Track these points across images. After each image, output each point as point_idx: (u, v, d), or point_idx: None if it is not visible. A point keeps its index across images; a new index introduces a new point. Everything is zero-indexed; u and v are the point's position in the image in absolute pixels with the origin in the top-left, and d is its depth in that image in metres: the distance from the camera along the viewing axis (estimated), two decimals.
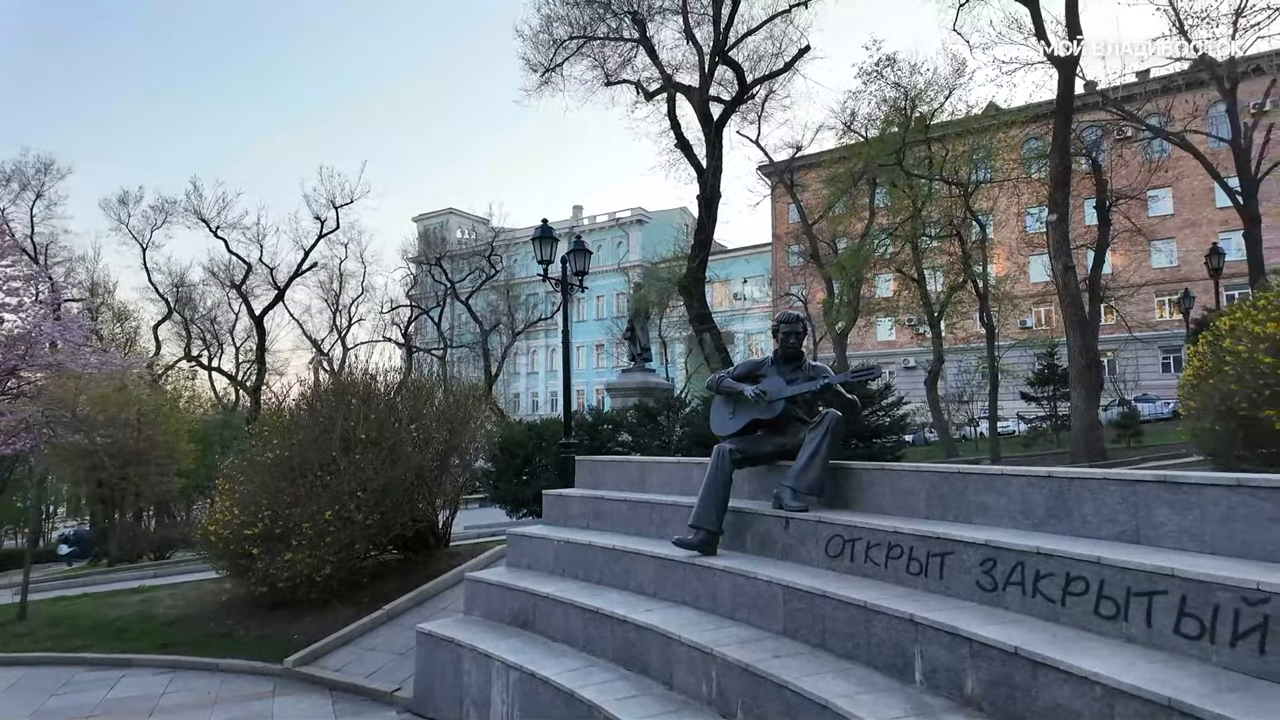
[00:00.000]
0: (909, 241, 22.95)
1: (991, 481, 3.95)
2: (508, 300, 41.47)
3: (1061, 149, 15.47)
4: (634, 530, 5.84)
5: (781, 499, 4.79)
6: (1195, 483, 3.07)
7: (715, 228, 16.01)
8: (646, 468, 6.37)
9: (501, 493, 15.54)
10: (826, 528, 4.41)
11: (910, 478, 4.42)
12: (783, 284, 40.35)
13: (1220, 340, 6.26)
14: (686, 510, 5.24)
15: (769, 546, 4.80)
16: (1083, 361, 14.98)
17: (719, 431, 5.40)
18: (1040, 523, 3.68)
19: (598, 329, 54.47)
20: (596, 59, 18.21)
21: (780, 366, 5.37)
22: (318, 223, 33.05)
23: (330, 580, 7.69)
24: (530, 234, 10.79)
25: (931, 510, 4.26)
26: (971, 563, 3.54)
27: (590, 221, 59.58)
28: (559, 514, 6.57)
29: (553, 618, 5.20)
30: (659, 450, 14.35)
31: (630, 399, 17.20)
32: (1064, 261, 15.18)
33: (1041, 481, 3.70)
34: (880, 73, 20.71)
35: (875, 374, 4.95)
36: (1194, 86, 25.34)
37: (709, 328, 15.66)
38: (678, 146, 16.49)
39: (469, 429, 9.34)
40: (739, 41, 17.10)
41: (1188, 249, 41.79)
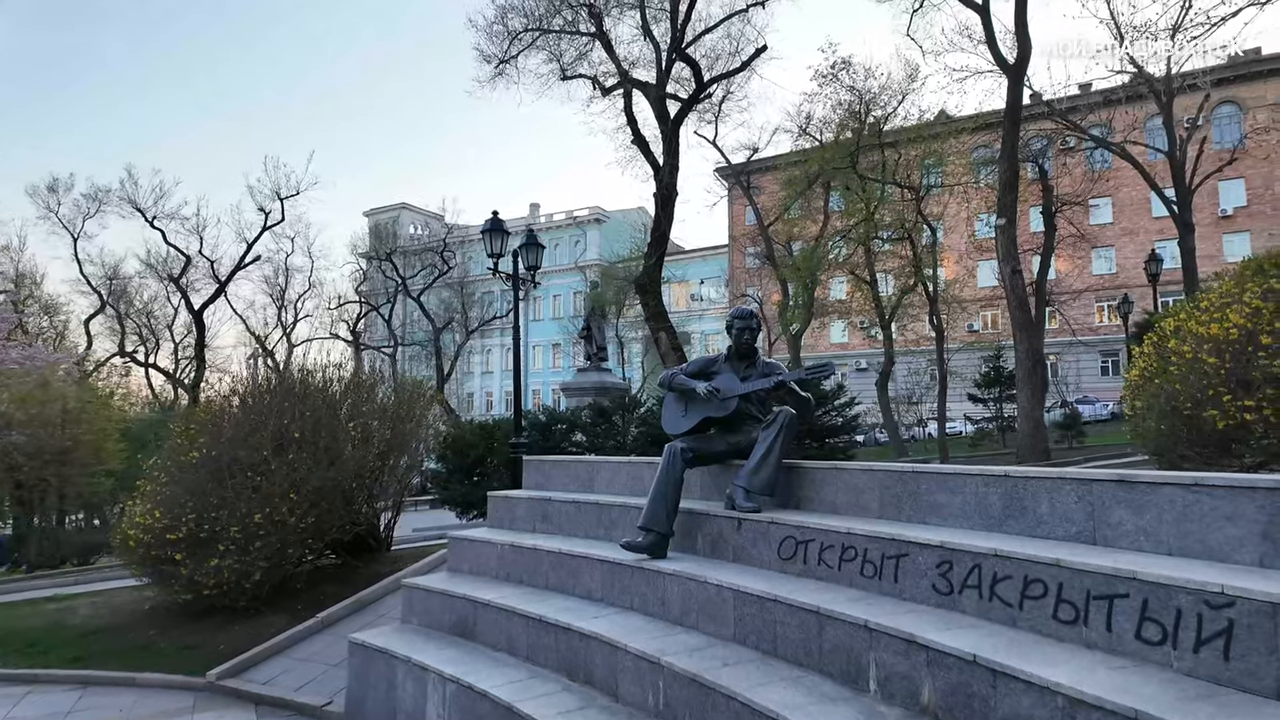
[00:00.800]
0: (862, 244, 23.22)
1: (946, 481, 3.85)
2: (462, 298, 40.73)
3: (1010, 154, 15.75)
4: (582, 533, 5.62)
5: (734, 499, 4.63)
6: (1151, 482, 3.00)
7: (672, 226, 15.88)
8: (595, 468, 6.15)
9: (451, 494, 15.15)
10: (779, 529, 4.26)
11: (863, 476, 4.30)
12: (739, 286, 40.60)
13: (1165, 341, 6.33)
14: (636, 512, 5.04)
15: (721, 548, 4.63)
16: (1029, 363, 15.27)
17: (671, 430, 5.22)
18: (996, 523, 3.58)
19: (554, 328, 53.99)
20: (552, 52, 17.91)
21: (734, 363, 5.21)
22: (262, 214, 31.93)
23: (261, 587, 7.27)
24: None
25: (885, 510, 4.14)
26: (927, 565, 3.42)
27: (547, 220, 59.03)
28: (504, 516, 6.31)
29: (494, 626, 4.94)
30: (614, 450, 14.16)
31: (586, 398, 16.97)
32: (1012, 265, 15.45)
33: (997, 481, 3.60)
34: (836, 76, 20.90)
35: (829, 371, 4.83)
36: (1134, 100, 26.28)
37: (665, 326, 15.52)
38: (634, 143, 16.30)
39: (413, 428, 8.98)
40: (696, 39, 17.00)
41: (1125, 256, 43.40)
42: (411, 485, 10.12)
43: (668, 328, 15.60)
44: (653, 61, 16.27)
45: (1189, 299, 6.97)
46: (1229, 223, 41.74)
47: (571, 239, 58.04)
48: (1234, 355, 5.50)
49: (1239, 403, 5.35)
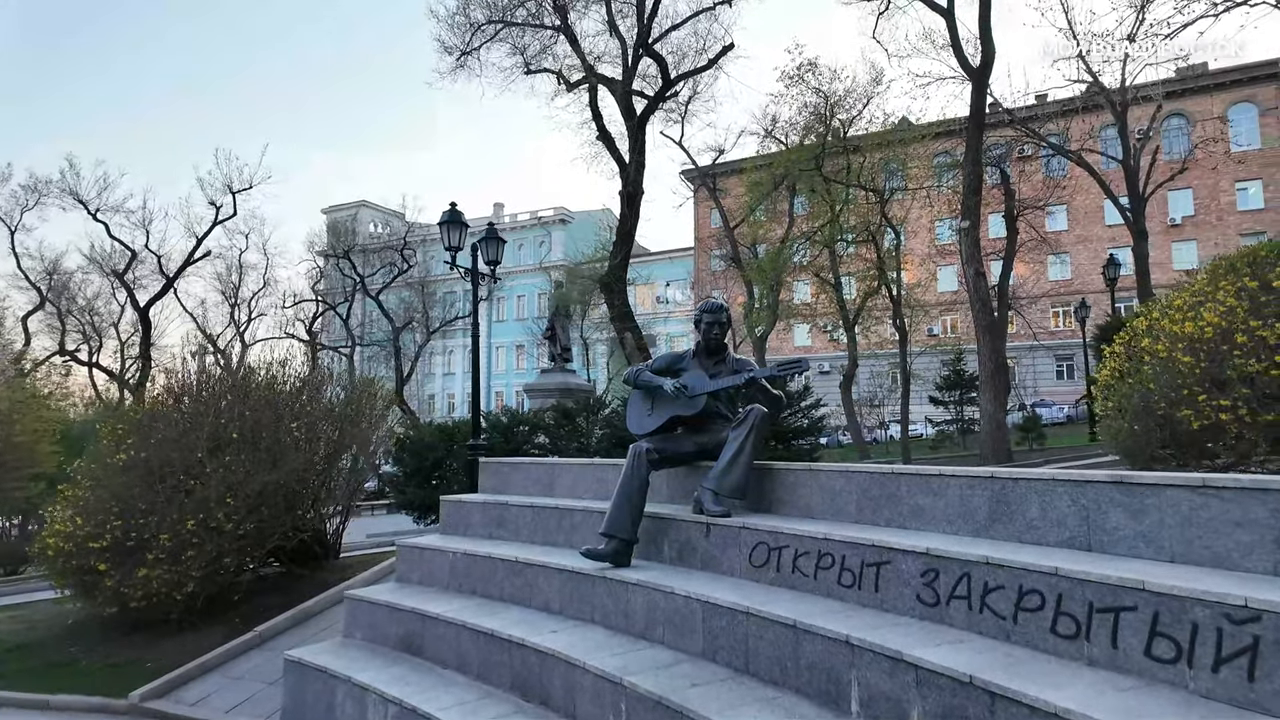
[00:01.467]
0: (827, 246, 23.26)
1: (928, 482, 3.61)
2: (422, 297, 39.87)
3: (974, 157, 15.83)
4: (540, 539, 5.28)
5: (702, 502, 4.35)
6: (1152, 483, 2.79)
7: (638, 224, 15.59)
8: (555, 470, 5.82)
9: (408, 498, 14.63)
10: (750, 534, 3.98)
11: (839, 478, 4.05)
12: (705, 288, 40.54)
13: (1138, 340, 6.24)
14: (599, 517, 4.72)
15: (688, 555, 4.34)
16: (992, 365, 15.35)
17: (635, 430, 4.91)
18: (982, 527, 3.35)
19: (518, 329, 53.32)
20: (516, 45, 17.51)
21: (702, 360, 4.94)
22: (213, 209, 30.76)
23: (194, 598, 6.76)
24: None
25: (863, 514, 3.89)
26: (911, 574, 3.17)
27: (512, 219, 58.32)
28: (458, 522, 5.93)
29: (444, 641, 4.58)
30: (577, 452, 13.82)
31: (550, 400, 16.61)
32: (975, 267, 15.52)
33: (982, 483, 3.37)
34: (802, 77, 20.87)
35: (803, 367, 4.57)
36: (1090, 110, 26.92)
37: (630, 326, 15.22)
38: (599, 139, 15.98)
39: (365, 428, 8.52)
40: (663, 36, 16.77)
41: (1080, 262, 44.47)
42: (364, 489, 9.64)
43: (633, 328, 15.31)
44: (618, 56, 15.99)
45: (1150, 300, 6.91)
46: (1178, 231, 43.01)
47: (536, 239, 57.45)
48: (1209, 354, 5.40)
49: (1214, 402, 5.25)
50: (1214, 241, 42.08)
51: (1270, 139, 40.17)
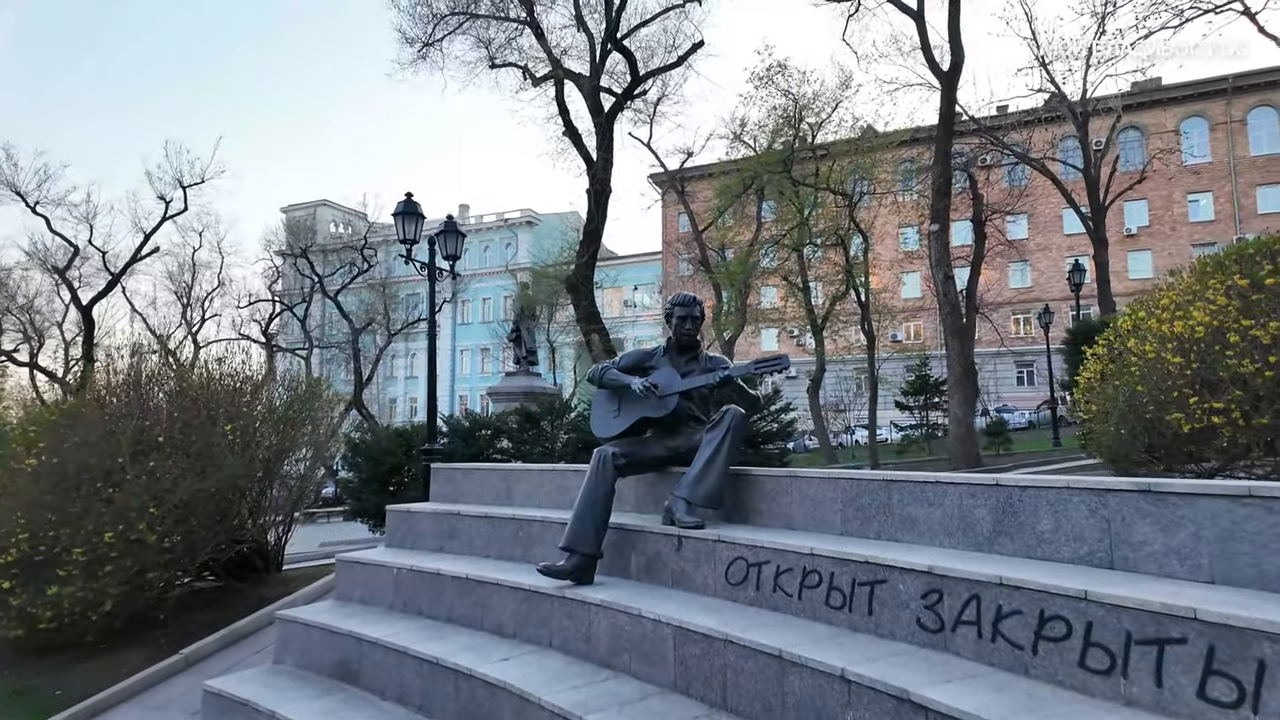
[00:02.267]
0: (795, 250, 23.13)
1: (923, 491, 3.26)
2: (384, 298, 38.86)
3: (944, 160, 15.73)
4: (496, 553, 4.82)
5: (673, 512, 3.95)
6: (1187, 492, 2.46)
7: (605, 223, 15.17)
8: (513, 477, 5.37)
9: (363, 505, 14.00)
10: (727, 548, 3.59)
11: (824, 486, 3.68)
12: (673, 291, 40.22)
13: (1123, 340, 6.02)
14: (559, 528, 4.29)
15: (657, 571, 3.93)
16: (960, 369, 15.22)
17: (600, 433, 4.50)
18: (985, 541, 3.00)
19: (483, 332, 52.49)
20: (480, 38, 16.99)
21: (673, 357, 4.54)
22: (162, 203, 29.52)
23: (114, 618, 6.14)
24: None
25: (849, 525, 3.53)
26: (910, 594, 2.80)
27: (477, 221, 57.44)
28: (405, 534, 5.44)
29: (383, 669, 4.09)
30: (541, 458, 13.34)
31: (514, 404, 16.08)
32: (945, 271, 15.39)
33: (986, 491, 3.03)
34: (771, 78, 20.70)
35: (782, 364, 4.20)
36: (1052, 121, 27.36)
37: (597, 328, 14.77)
38: (566, 134, 15.53)
39: (312, 431, 7.95)
40: (632, 32, 16.41)
41: (1040, 271, 45.25)
42: (310, 495, 9.05)
43: (600, 329, 14.87)
44: (586, 51, 15.58)
45: (1133, 300, 6.71)
46: (1133, 241, 44.00)
47: (502, 241, 56.65)
48: (1199, 354, 5.17)
49: (1205, 404, 5.02)
50: (1168, 252, 43.19)
51: (1220, 152, 41.36)
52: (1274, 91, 41.18)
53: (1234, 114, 42.01)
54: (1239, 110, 41.98)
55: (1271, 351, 4.84)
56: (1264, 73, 40.83)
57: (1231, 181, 41.74)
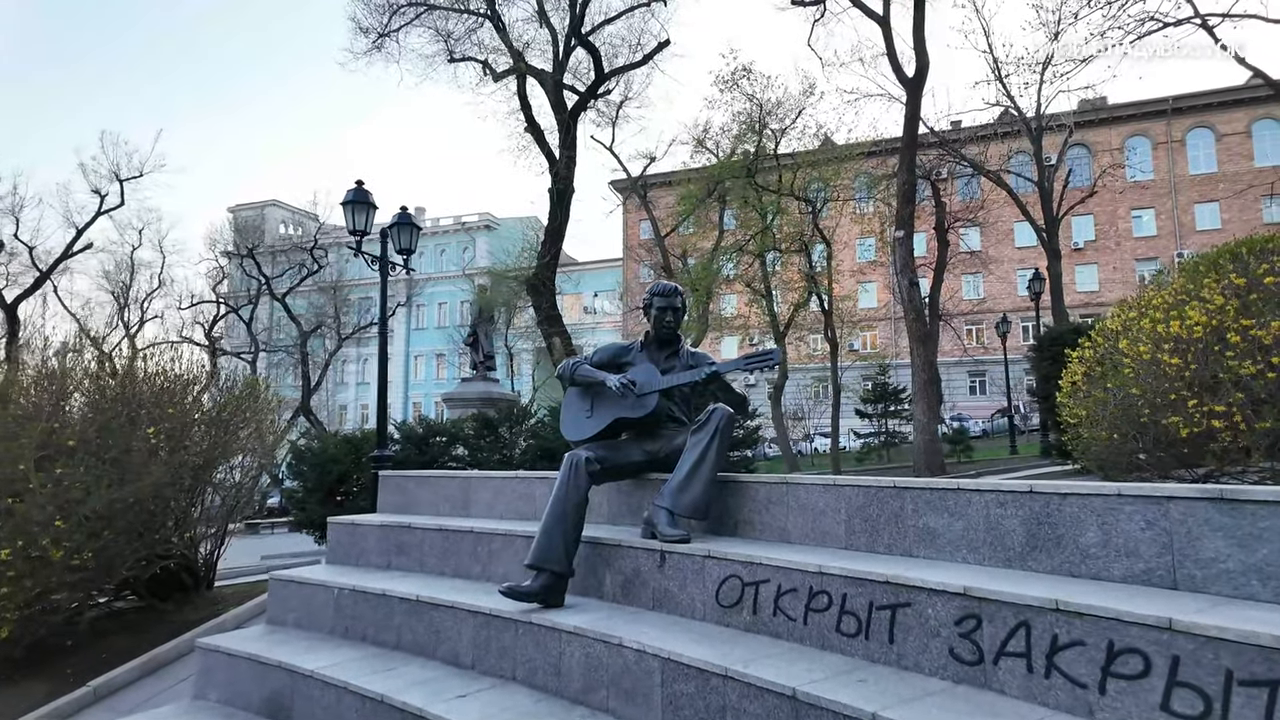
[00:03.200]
0: (758, 256, 23.00)
1: (943, 499, 2.88)
2: (335, 301, 37.59)
3: (908, 167, 15.72)
4: (451, 571, 4.31)
5: (655, 524, 3.51)
6: (1269, 500, 2.12)
7: (568, 223, 14.71)
8: (472, 485, 4.86)
9: (309, 516, 13.23)
10: (718, 565, 3.16)
11: (825, 494, 3.29)
12: (634, 298, 39.93)
13: (1112, 340, 5.80)
14: (525, 542, 3.82)
15: (637, 591, 3.48)
16: (925, 376, 15.16)
17: (571, 435, 4.04)
18: (1016, 557, 2.63)
19: (439, 338, 51.26)
20: (439, 30, 16.42)
21: (652, 352, 4.12)
22: (97, 197, 28.00)
23: (12, 646, 5.42)
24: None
25: (855, 538, 3.14)
26: (941, 620, 2.41)
27: (434, 224, 56.28)
28: (349, 549, 4.88)
29: (320, 706, 3.55)
30: (499, 466, 12.77)
31: (470, 410, 15.47)
32: (909, 277, 15.34)
33: (1018, 499, 2.66)
34: (736, 82, 20.54)
35: (773, 359, 3.80)
36: (1007, 136, 27.94)
37: (559, 330, 14.29)
38: (528, 130, 15.05)
39: (250, 436, 7.29)
40: (597, 29, 16.04)
41: (991, 283, 46.20)
42: (248, 505, 8.34)
43: (562, 332, 14.40)
44: (548, 44, 15.13)
45: (1121, 302, 6.53)
46: (1080, 255, 45.29)
47: (459, 245, 55.59)
48: (1197, 355, 4.96)
49: (1205, 407, 4.80)
50: (1113, 265, 44.63)
51: (1162, 170, 42.90)
52: (1210, 114, 42.96)
53: (1174, 134, 43.66)
54: (1178, 131, 43.65)
55: (1273, 352, 4.63)
56: (1200, 95, 42.61)
57: (1172, 199, 43.32)
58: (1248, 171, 41.24)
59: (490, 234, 54.06)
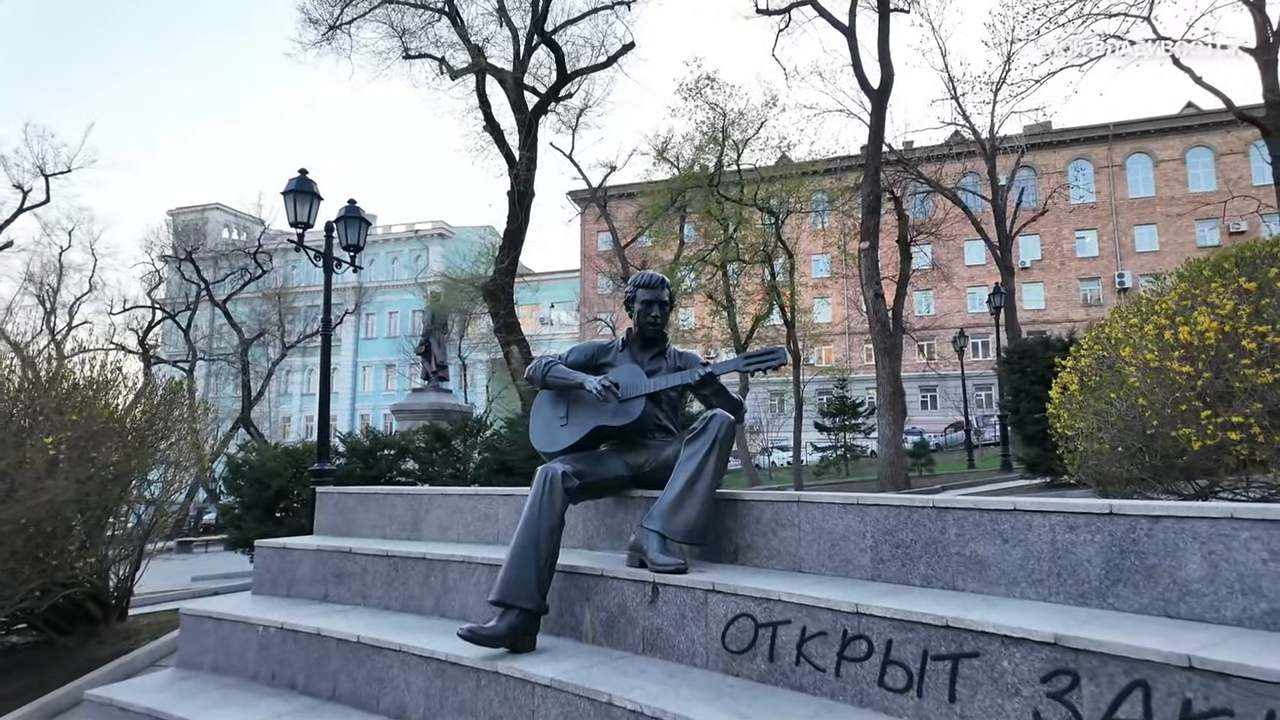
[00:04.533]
0: (720, 268, 22.77)
1: (995, 522, 2.42)
2: (279, 308, 36.07)
3: (873, 178, 15.63)
4: (399, 604, 3.70)
5: (644, 550, 2.98)
6: None
7: (527, 226, 14.13)
8: (423, 503, 4.25)
9: (245, 534, 12.29)
10: (725, 601, 2.64)
11: (847, 515, 2.80)
12: (592, 309, 39.40)
13: (1114, 347, 5.50)
14: (487, 571, 3.25)
15: (623, 632, 2.93)
16: (890, 389, 14.99)
17: (543, 446, 3.49)
18: (1093, 592, 2.18)
19: (389, 347, 49.82)
20: (394, 25, 15.74)
21: (635, 352, 3.60)
22: (19, 193, 26.28)
23: None
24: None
25: (885, 568, 2.66)
26: (1021, 676, 1.94)
27: (385, 231, 54.87)
28: (280, 577, 4.21)
29: None
30: (452, 481, 12.06)
31: (421, 421, 14.71)
32: (874, 289, 15.20)
33: (1094, 522, 2.21)
34: (700, 90, 20.31)
35: (779, 359, 3.31)
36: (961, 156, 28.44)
37: (517, 339, 13.66)
38: (487, 129, 14.45)
39: (172, 446, 6.50)
40: (559, 29, 15.57)
41: (942, 300, 47.11)
42: (169, 524, 7.49)
43: (520, 340, 13.77)
44: (509, 40, 14.59)
45: (1116, 308, 6.28)
46: (1026, 274, 46.49)
47: (412, 253, 54.25)
48: (1209, 363, 4.67)
49: (1219, 418, 4.50)
50: (1057, 284, 45.98)
51: (1104, 193, 44.41)
52: (1148, 140, 44.76)
53: (1114, 159, 45.34)
54: (1119, 156, 45.34)
55: None
56: (1139, 122, 44.39)
57: (1113, 221, 44.87)
58: (1183, 196, 43.03)
59: (445, 243, 52.97)
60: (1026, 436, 11.07)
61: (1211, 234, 41.46)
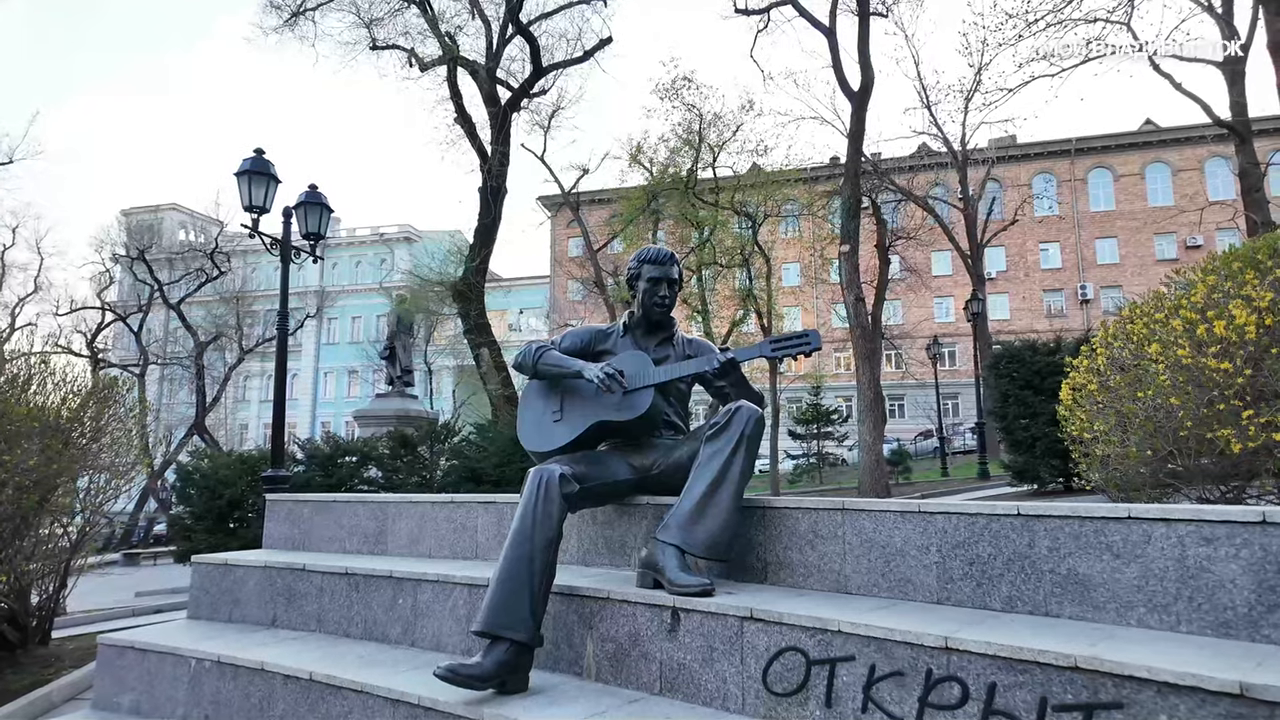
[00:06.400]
0: (695, 272, 22.43)
1: (1101, 533, 1.98)
2: (238, 311, 34.76)
3: (853, 180, 15.40)
4: (361, 631, 3.14)
5: (659, 568, 2.48)
6: None
7: (500, 223, 13.56)
8: (389, 512, 3.69)
9: (195, 546, 11.51)
10: (766, 631, 2.16)
11: (905, 525, 2.34)
12: (562, 315, 38.81)
13: (1139, 345, 5.16)
14: (465, 593, 2.73)
15: (635, 667, 2.43)
16: (871, 394, 14.71)
17: (534, 445, 2.97)
18: (1239, 620, 1.75)
19: (353, 353, 48.51)
20: (361, 14, 15.09)
21: (638, 337, 3.12)
22: None
23: None
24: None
25: (955, 589, 2.20)
26: None
27: (350, 234, 53.60)
28: (220, 599, 3.62)
29: None
30: (417, 490, 11.43)
31: (386, 428, 14.06)
32: (855, 293, 14.93)
33: (1239, 534, 1.78)
34: (678, 91, 19.98)
35: (812, 344, 2.84)
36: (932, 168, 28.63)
37: (488, 340, 13.06)
38: (458, 122, 13.87)
39: (103, 449, 5.80)
40: (533, 22, 15.08)
41: (910, 310, 47.51)
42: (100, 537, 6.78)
43: (491, 342, 13.18)
44: (481, 32, 14.05)
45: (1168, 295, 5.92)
46: (992, 285, 47.07)
47: (377, 257, 53.03)
48: (1249, 359, 4.34)
49: (1262, 419, 4.16)
50: (1022, 295, 46.72)
51: (1066, 206, 45.28)
52: (1108, 155, 45.80)
53: (1077, 173, 46.30)
54: (1081, 170, 46.32)
55: None
56: (1100, 138, 45.42)
57: (1076, 233, 45.74)
58: (1142, 210, 44.08)
59: (411, 246, 51.87)
60: (1014, 442, 10.81)
61: (1170, 247, 42.47)
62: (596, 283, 25.46)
